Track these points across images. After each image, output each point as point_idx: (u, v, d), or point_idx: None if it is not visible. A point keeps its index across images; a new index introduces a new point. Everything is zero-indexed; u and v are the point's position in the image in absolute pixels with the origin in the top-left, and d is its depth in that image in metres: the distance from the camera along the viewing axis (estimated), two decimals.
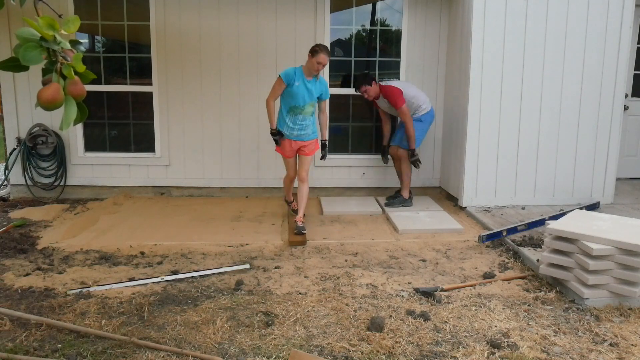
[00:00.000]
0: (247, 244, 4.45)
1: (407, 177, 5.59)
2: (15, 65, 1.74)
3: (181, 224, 5.02)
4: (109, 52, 6.01)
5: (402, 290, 3.51)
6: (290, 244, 4.43)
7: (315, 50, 4.47)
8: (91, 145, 6.10)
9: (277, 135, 4.78)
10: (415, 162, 5.45)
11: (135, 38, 5.93)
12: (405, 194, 5.59)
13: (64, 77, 1.76)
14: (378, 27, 6.13)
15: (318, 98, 4.76)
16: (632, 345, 2.80)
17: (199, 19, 5.84)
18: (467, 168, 5.41)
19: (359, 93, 5.45)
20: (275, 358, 2.63)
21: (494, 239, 4.48)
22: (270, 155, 6.11)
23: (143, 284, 3.55)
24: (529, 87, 5.32)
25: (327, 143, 5.01)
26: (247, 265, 3.92)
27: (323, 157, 5.03)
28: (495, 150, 5.40)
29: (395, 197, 5.64)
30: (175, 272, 3.78)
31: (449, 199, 6.00)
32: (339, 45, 6.16)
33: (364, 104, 6.23)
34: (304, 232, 4.51)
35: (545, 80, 5.33)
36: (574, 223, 3.50)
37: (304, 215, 4.83)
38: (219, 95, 6.01)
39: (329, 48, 4.63)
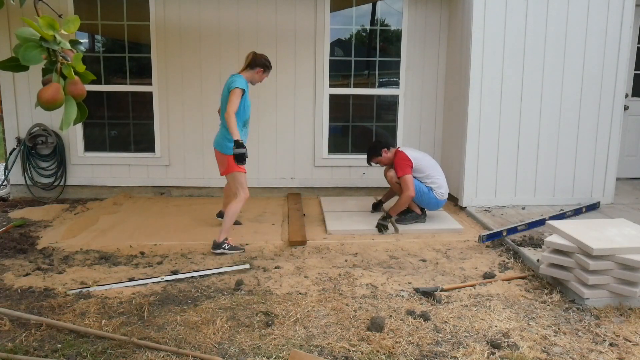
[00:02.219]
0: (247, 244, 4.45)
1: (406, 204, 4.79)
2: (15, 65, 1.74)
3: (181, 224, 5.02)
4: (109, 52, 6.01)
5: (402, 290, 3.50)
6: (290, 244, 4.43)
7: (268, 67, 4.37)
8: (91, 145, 6.10)
9: (244, 149, 4.00)
10: (380, 227, 4.73)
11: (135, 38, 5.93)
12: (417, 210, 4.98)
13: (64, 77, 1.75)
14: (378, 27, 6.13)
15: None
16: (633, 345, 2.80)
17: (199, 19, 5.84)
18: (467, 168, 5.41)
19: (372, 165, 5.08)
20: (275, 358, 2.62)
21: (494, 239, 4.48)
22: (270, 155, 6.12)
23: (143, 284, 3.55)
24: (529, 86, 5.32)
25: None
26: (247, 265, 3.91)
27: None
28: (495, 150, 5.40)
29: (407, 213, 4.94)
30: (175, 272, 3.78)
31: (449, 199, 5.99)
32: (339, 45, 6.16)
33: (364, 104, 6.24)
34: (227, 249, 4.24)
35: (546, 80, 5.33)
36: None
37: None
38: (219, 95, 5.99)
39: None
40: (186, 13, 5.82)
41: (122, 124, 6.11)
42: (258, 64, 4.32)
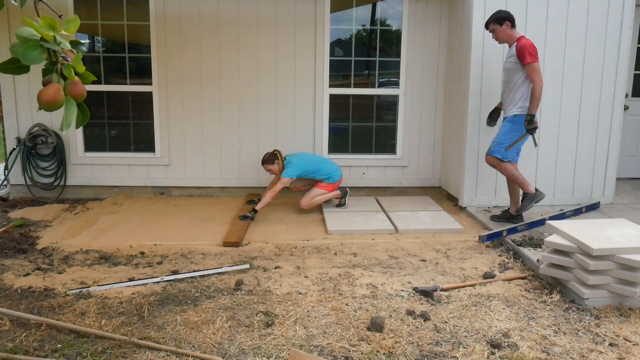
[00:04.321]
0: (247, 244, 4.45)
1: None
2: (15, 67, 1.74)
3: (181, 224, 5.02)
4: (109, 52, 6.00)
5: (402, 290, 3.50)
6: (224, 245, 4.40)
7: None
8: (91, 145, 6.10)
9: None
10: (531, 131, 4.59)
11: (135, 38, 5.93)
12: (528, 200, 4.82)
13: (65, 78, 1.75)
14: (378, 27, 6.13)
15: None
16: (633, 345, 2.80)
17: (199, 19, 5.84)
18: (467, 168, 5.40)
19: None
20: (275, 358, 2.63)
21: (494, 239, 4.48)
22: None
23: (143, 284, 3.55)
24: None
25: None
26: (247, 265, 3.92)
27: None
28: None
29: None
30: (175, 272, 3.78)
31: (449, 199, 6.00)
32: (339, 45, 6.16)
33: (364, 104, 6.24)
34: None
35: (545, 80, 5.28)
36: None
37: None
38: (219, 94, 6.01)
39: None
40: (186, 12, 5.82)
41: (122, 124, 6.10)
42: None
